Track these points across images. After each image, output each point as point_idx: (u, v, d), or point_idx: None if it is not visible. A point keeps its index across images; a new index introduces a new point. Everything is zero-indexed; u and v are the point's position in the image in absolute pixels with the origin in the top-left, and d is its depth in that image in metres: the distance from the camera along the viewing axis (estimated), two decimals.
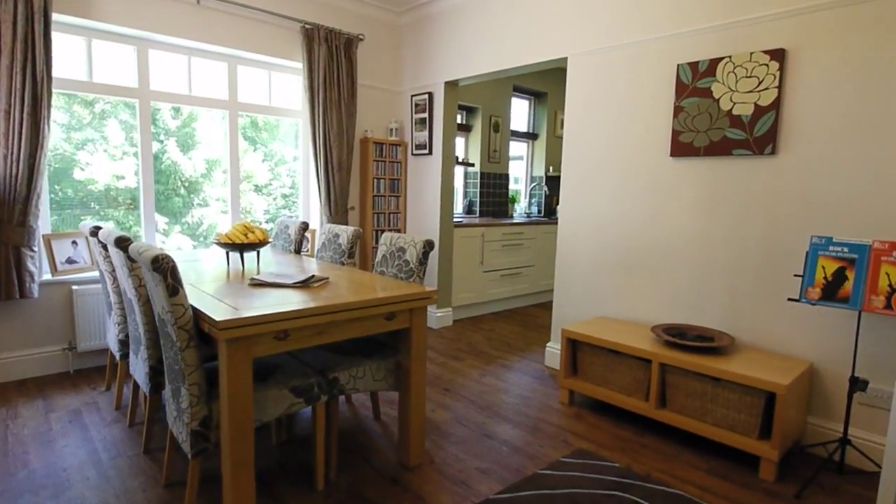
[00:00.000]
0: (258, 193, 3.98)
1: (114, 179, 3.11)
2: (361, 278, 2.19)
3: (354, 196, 4.22)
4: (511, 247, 4.74)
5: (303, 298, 1.78)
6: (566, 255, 3.19)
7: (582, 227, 3.09)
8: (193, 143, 3.51)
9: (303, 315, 1.64)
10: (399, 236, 2.31)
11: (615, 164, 2.91)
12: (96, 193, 3.08)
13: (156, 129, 3.19)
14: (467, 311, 4.53)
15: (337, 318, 1.73)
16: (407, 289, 1.97)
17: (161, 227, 3.34)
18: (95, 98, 3.17)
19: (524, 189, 6.03)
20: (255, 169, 3.95)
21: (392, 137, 4.28)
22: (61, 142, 3.06)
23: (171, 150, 3.30)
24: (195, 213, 3.47)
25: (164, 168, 3.29)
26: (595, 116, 2.99)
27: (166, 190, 3.25)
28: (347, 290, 1.95)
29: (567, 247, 3.18)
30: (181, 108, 3.49)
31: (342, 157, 3.91)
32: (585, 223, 3.07)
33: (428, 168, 4.15)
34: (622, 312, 2.93)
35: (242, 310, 1.60)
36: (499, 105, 5.31)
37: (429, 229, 4.18)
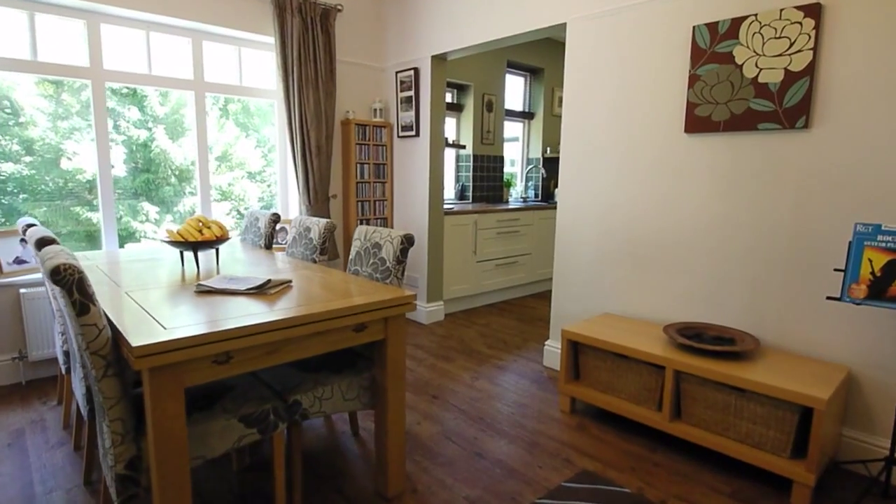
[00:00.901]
0: (252, 181, 3.72)
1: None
2: (330, 280, 1.88)
3: (336, 183, 3.90)
4: (506, 234, 4.43)
5: (253, 310, 1.48)
6: (566, 246, 2.89)
7: (584, 213, 2.79)
8: (183, 129, 3.28)
9: (248, 333, 1.35)
10: (374, 230, 2.00)
11: (621, 142, 2.59)
12: (84, 183, 2.85)
13: (143, 115, 2.99)
14: (460, 303, 4.25)
15: (293, 335, 1.43)
16: (380, 293, 1.67)
17: (152, 216, 3.13)
18: (82, 85, 2.91)
19: (520, 172, 5.70)
20: (248, 156, 3.71)
21: (376, 119, 3.94)
22: (48, 131, 2.83)
23: (160, 137, 3.07)
24: (187, 202, 3.27)
25: (153, 156, 3.06)
26: (597, 90, 2.66)
27: (157, 178, 3.04)
28: (310, 296, 1.65)
29: (567, 236, 2.88)
30: (169, 94, 3.25)
31: (321, 140, 3.57)
32: (587, 210, 2.77)
33: (415, 151, 3.82)
34: (629, 309, 2.64)
35: (173, 328, 1.30)
36: (492, 82, 4.95)
37: (417, 217, 3.87)
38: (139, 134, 3.08)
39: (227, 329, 1.31)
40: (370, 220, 3.97)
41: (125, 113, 2.97)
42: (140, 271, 2.05)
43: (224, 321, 1.37)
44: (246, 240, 2.91)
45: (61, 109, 2.88)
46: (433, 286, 3.90)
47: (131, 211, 2.97)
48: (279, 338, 1.40)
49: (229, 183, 3.66)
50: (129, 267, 2.14)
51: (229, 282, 1.75)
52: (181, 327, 1.31)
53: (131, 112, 3.02)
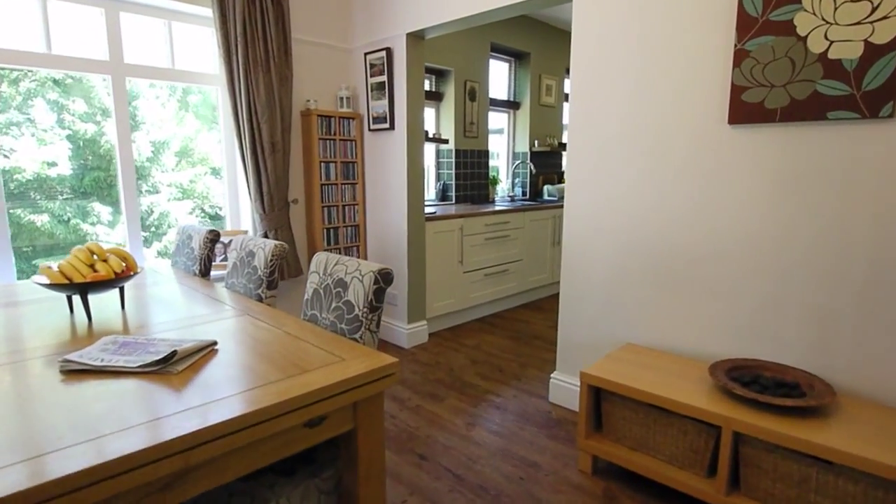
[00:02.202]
0: (216, 177, 3.21)
1: (44, 167, 2.41)
2: (274, 339, 1.34)
3: (297, 186, 3.32)
4: (495, 240, 3.93)
5: (135, 414, 0.93)
6: (576, 259, 2.40)
7: (597, 222, 2.30)
8: (136, 123, 2.79)
9: (111, 473, 0.80)
10: (337, 261, 1.46)
11: (644, 137, 2.11)
12: (24, 183, 2.37)
13: (90, 108, 2.50)
14: (445, 321, 3.74)
15: (194, 458, 0.89)
16: (346, 367, 1.14)
17: (105, 218, 2.68)
18: (20, 75, 2.37)
19: (505, 168, 5.21)
20: (211, 150, 3.17)
21: (343, 109, 3.37)
22: None
23: (110, 131, 2.60)
24: (144, 201, 2.83)
25: (102, 153, 2.59)
26: (614, 73, 2.17)
27: (108, 176, 2.59)
28: (241, 371, 1.11)
29: (576, 248, 2.39)
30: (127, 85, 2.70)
31: (275, 135, 2.98)
32: (603, 217, 2.28)
33: (390, 146, 3.27)
34: (657, 339, 2.17)
35: None
36: (475, 67, 4.42)
37: (394, 224, 3.33)
38: (86, 128, 2.57)
39: (57, 479, 0.75)
40: (339, 227, 3.41)
41: (70, 105, 2.45)
42: (10, 322, 1.46)
43: (63, 451, 0.81)
44: (177, 264, 2.32)
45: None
46: (415, 304, 3.37)
47: (80, 212, 2.48)
48: (171, 469, 0.86)
49: (191, 180, 3.09)
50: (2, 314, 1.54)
51: (118, 349, 1.19)
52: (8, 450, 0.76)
53: (76, 104, 2.50)
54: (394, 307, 3.43)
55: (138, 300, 1.72)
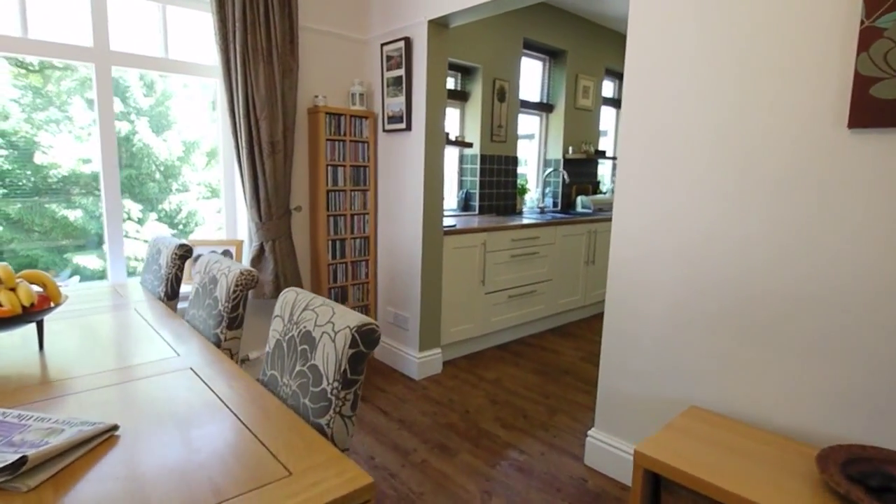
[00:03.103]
0: None
1: (79, 163, 2.38)
2: (204, 420, 0.94)
3: (301, 191, 2.95)
4: (522, 257, 3.49)
5: None
6: (624, 292, 1.94)
7: (656, 246, 1.84)
8: (168, 122, 2.69)
9: None
10: (307, 304, 1.06)
11: (725, 145, 1.65)
12: (60, 178, 2.36)
13: (126, 108, 2.52)
14: (462, 347, 3.31)
15: None
16: (282, 500, 0.73)
17: (135, 214, 2.64)
18: (62, 74, 2.30)
19: (535, 176, 4.76)
20: None
21: (355, 106, 2.99)
22: (22, 122, 2.28)
23: (143, 130, 2.60)
24: (173, 200, 2.76)
25: (136, 151, 2.56)
26: (681, 61, 1.72)
27: (140, 175, 2.60)
28: (124, 497, 0.71)
29: (626, 277, 1.93)
30: (154, 85, 2.65)
31: (275, 134, 2.62)
32: (663, 241, 1.82)
33: (406, 149, 2.88)
34: (737, 405, 1.70)
35: None
36: (505, 65, 4.00)
37: (408, 237, 2.92)
38: (121, 127, 2.51)
39: None
40: (346, 239, 3.02)
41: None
42: None
43: None
44: (146, 283, 1.96)
45: (40, 100, 2.30)
46: (428, 330, 2.95)
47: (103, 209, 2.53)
48: None
49: (219, 179, 2.83)
50: None
51: None
52: None
53: (116, 104, 2.43)
54: (404, 332, 3.02)
55: (69, 337, 1.35)
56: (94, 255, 2.50)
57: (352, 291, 3.09)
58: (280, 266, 2.73)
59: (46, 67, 2.31)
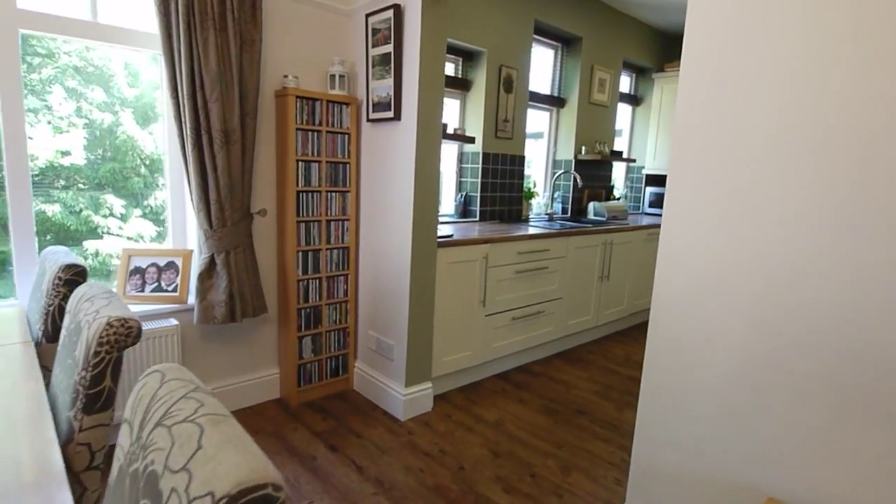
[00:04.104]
0: None
1: (57, 155, 2.17)
2: None
3: (265, 191, 2.45)
4: (530, 273, 3.00)
5: None
6: (670, 340, 1.45)
7: (721, 282, 1.35)
8: (155, 115, 2.37)
9: None
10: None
11: (835, 152, 1.15)
12: (37, 172, 2.10)
13: (109, 98, 2.28)
14: (458, 377, 2.82)
15: None
16: None
17: (117, 210, 2.36)
18: (42, 62, 1.94)
19: (544, 179, 4.26)
20: None
21: (334, 90, 2.49)
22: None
23: (128, 122, 2.33)
24: (158, 195, 2.45)
25: (119, 143, 2.34)
26: (768, 41, 1.22)
27: (124, 169, 2.36)
28: None
29: (674, 321, 1.44)
30: (140, 75, 2.33)
31: (230, 120, 2.12)
32: (733, 276, 1.32)
33: (394, 143, 2.38)
34: (829, 501, 1.21)
35: None
36: (514, 51, 3.50)
37: (394, 250, 2.43)
38: (103, 118, 2.24)
39: None
40: (321, 250, 2.52)
41: (88, 94, 2.20)
42: None
43: None
44: (31, 312, 1.46)
45: None
46: (417, 360, 2.46)
47: (93, 204, 2.25)
48: None
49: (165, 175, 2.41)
50: None
51: None
52: None
53: (95, 93, 2.22)
54: (388, 362, 2.52)
55: None
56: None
57: (327, 312, 2.60)
58: (236, 283, 2.23)
59: None
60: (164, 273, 2.30)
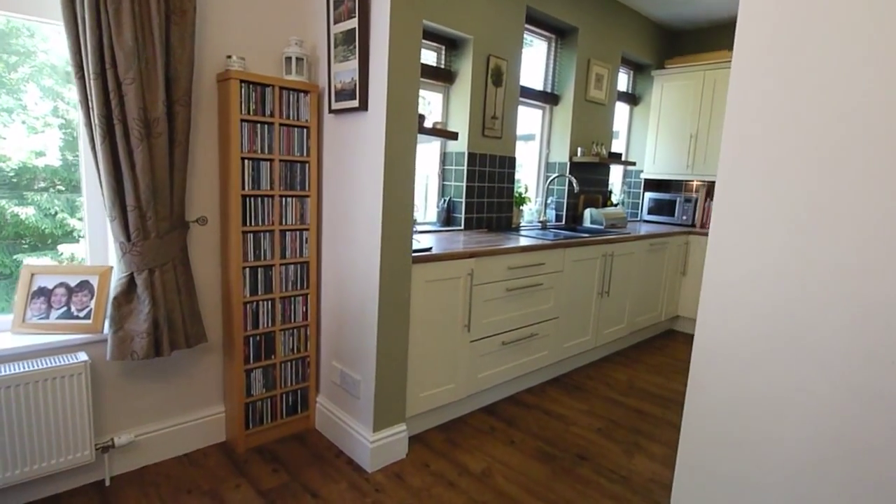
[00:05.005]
0: None
1: (31, 156, 1.90)
2: None
3: (204, 195, 2.04)
4: (522, 291, 2.61)
5: None
6: (716, 403, 1.07)
7: (795, 322, 0.97)
8: None
9: None
10: None
11: None
12: (8, 173, 1.87)
13: None
14: (438, 415, 2.42)
15: None
16: None
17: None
18: (17, 60, 1.54)
19: (536, 183, 3.89)
20: None
21: (290, 76, 2.09)
22: None
23: None
24: None
25: None
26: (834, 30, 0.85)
27: None
28: None
29: (724, 373, 1.06)
30: None
31: (153, 107, 1.71)
32: (814, 313, 0.95)
33: (361, 137, 1.98)
34: None
35: None
36: (504, 40, 3.13)
37: (362, 266, 2.02)
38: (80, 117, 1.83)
39: None
40: (273, 266, 2.11)
41: (65, 93, 1.91)
42: None
43: None
44: None
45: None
46: (388, 399, 2.05)
47: (69, 206, 2.03)
48: None
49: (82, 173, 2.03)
50: None
51: None
52: None
53: (72, 92, 1.86)
54: (354, 401, 2.11)
55: None
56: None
57: (282, 339, 2.18)
58: (162, 308, 1.81)
59: None
60: (75, 295, 1.86)
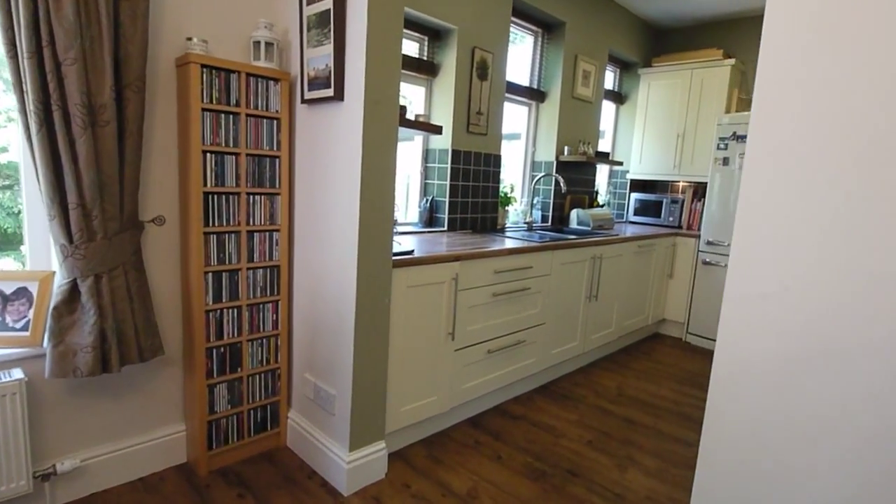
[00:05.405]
0: None
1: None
2: None
3: (164, 193, 1.84)
4: (508, 295, 2.48)
5: None
6: (739, 429, 0.94)
7: (834, 340, 0.84)
8: None
9: None
10: None
11: None
12: None
13: None
14: (420, 429, 2.26)
15: None
16: None
17: None
18: None
19: (522, 182, 3.77)
20: None
21: (259, 62, 1.91)
22: None
23: None
24: None
25: None
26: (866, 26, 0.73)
27: None
28: None
29: (749, 397, 0.93)
30: None
31: (99, 92, 1.52)
32: (857, 329, 0.82)
33: (336, 130, 1.81)
34: None
35: None
36: (490, 32, 2.99)
37: (337, 271, 1.86)
38: None
39: None
40: (239, 270, 1.92)
41: None
42: None
43: None
44: None
45: None
46: (366, 416, 1.89)
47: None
48: None
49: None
50: None
51: None
52: None
53: None
54: (329, 417, 1.94)
55: None
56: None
57: (249, 350, 2.00)
58: (111, 319, 1.61)
59: None
60: (10, 304, 1.65)
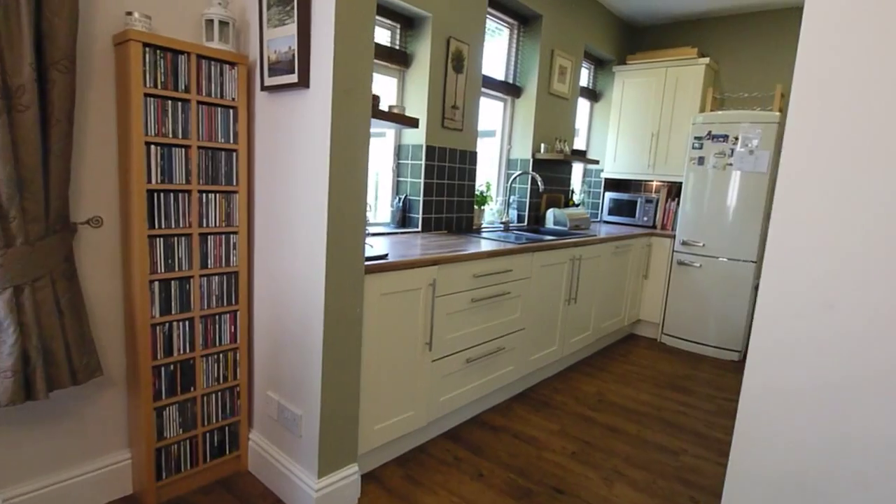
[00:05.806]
0: None
1: None
2: None
3: (101, 190, 1.61)
4: (488, 301, 2.34)
5: None
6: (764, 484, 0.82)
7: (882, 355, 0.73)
8: None
9: None
10: None
11: None
12: None
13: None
14: (395, 445, 2.10)
15: None
16: None
17: None
18: None
19: (497, 181, 3.64)
20: None
21: (212, 43, 1.69)
22: None
23: None
24: None
25: None
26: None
27: None
28: None
29: (776, 444, 0.81)
30: None
31: (16, 72, 1.28)
32: None
33: (301, 121, 1.63)
34: None
35: None
36: (466, 22, 2.84)
37: (303, 279, 1.67)
38: None
39: None
40: (191, 277, 1.71)
41: None
42: None
43: None
44: None
45: None
46: (336, 437, 1.71)
47: None
48: None
49: None
50: None
51: None
52: None
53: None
54: (295, 439, 1.75)
55: None
56: None
57: (204, 367, 1.79)
58: (35, 337, 1.38)
59: None
60: None
